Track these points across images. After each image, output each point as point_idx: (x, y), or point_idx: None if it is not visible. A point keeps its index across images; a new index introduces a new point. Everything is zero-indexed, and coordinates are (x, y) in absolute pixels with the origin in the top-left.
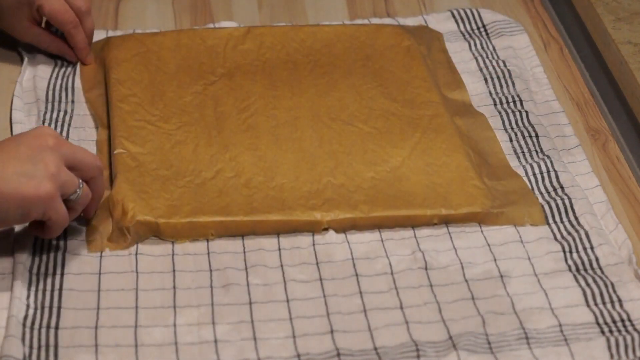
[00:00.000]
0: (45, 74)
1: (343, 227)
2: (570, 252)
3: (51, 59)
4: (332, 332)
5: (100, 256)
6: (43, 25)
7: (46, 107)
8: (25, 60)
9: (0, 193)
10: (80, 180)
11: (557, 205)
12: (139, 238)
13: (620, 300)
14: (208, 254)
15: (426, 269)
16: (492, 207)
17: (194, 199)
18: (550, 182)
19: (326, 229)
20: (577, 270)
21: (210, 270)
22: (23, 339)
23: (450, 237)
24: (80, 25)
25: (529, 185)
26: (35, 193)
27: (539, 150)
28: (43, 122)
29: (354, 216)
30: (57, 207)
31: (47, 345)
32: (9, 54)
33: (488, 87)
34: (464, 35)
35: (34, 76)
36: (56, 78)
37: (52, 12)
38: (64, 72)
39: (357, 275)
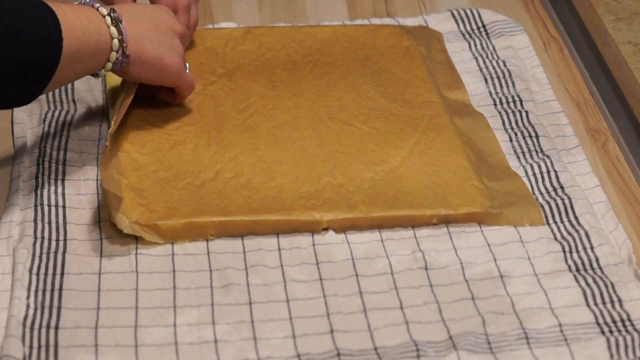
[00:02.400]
0: None
1: (342, 227)
2: (570, 252)
3: None
4: (332, 332)
5: (100, 256)
6: None
7: (48, 107)
8: None
9: (147, 53)
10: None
11: (557, 205)
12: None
13: (620, 300)
14: (208, 254)
15: (426, 269)
16: (492, 208)
17: (193, 201)
18: (550, 182)
19: (326, 229)
20: (577, 270)
21: (210, 270)
22: (23, 339)
23: (450, 237)
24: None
25: (529, 185)
26: (173, 64)
27: (539, 150)
28: (44, 121)
29: (353, 216)
30: (187, 77)
31: (47, 345)
32: None
33: (488, 87)
34: (463, 35)
35: None
36: None
37: None
38: None
39: (357, 275)
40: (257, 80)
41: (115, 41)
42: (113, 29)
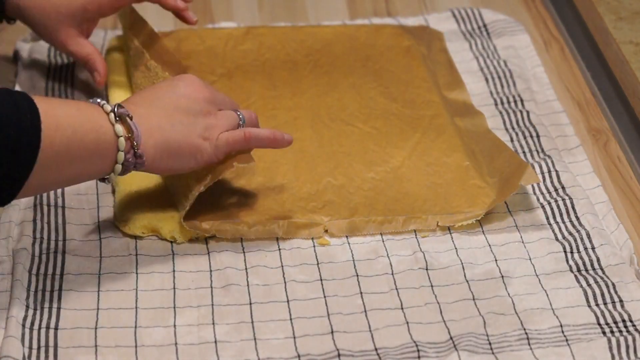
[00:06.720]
0: (42, 73)
1: (343, 232)
2: (572, 252)
3: (46, 58)
4: (332, 332)
5: (100, 257)
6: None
7: None
8: (20, 60)
9: (167, 145)
10: (236, 110)
11: (558, 205)
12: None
13: (621, 301)
14: (208, 254)
15: (427, 269)
16: (493, 203)
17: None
18: (552, 182)
19: (326, 230)
20: (579, 270)
21: (210, 271)
22: (22, 340)
23: (451, 238)
24: None
25: (530, 185)
26: (200, 145)
27: (540, 150)
28: None
29: (353, 219)
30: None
31: (47, 346)
32: (3, 54)
33: (489, 86)
34: (464, 35)
35: (31, 75)
36: (54, 77)
37: None
38: (61, 71)
39: (357, 275)
40: (257, 80)
41: (122, 140)
42: (118, 127)
